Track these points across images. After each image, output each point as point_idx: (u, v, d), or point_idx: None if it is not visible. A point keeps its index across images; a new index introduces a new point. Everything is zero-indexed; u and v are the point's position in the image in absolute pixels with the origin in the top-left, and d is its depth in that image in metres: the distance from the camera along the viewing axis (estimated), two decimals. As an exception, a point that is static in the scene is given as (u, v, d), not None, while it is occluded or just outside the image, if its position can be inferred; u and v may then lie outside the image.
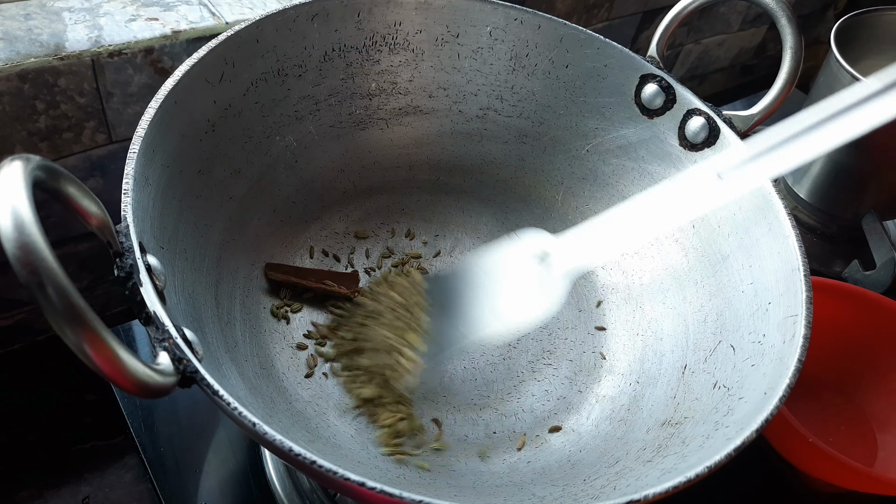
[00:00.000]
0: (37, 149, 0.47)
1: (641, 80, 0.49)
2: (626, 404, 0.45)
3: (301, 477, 0.46)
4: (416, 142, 0.54)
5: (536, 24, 0.49)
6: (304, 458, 0.27)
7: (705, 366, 0.42)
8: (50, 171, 0.25)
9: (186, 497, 0.46)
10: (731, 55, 0.98)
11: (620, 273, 0.52)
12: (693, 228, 0.48)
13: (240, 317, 0.44)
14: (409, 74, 0.51)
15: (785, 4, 0.45)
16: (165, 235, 0.36)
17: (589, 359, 0.49)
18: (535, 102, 0.52)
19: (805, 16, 1.02)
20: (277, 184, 0.48)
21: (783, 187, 0.74)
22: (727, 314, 0.43)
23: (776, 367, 0.36)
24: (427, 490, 0.40)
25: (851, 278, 0.65)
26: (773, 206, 0.42)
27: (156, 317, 0.29)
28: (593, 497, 0.37)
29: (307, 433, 0.40)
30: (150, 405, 0.50)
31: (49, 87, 0.45)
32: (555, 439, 0.45)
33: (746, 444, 0.31)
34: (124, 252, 0.30)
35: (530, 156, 0.54)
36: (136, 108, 0.49)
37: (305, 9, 0.45)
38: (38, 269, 0.21)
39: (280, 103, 0.47)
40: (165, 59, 0.48)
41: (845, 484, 0.49)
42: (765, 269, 0.42)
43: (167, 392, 0.26)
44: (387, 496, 0.27)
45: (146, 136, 0.35)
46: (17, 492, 0.47)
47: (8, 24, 0.45)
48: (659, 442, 0.39)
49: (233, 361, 0.39)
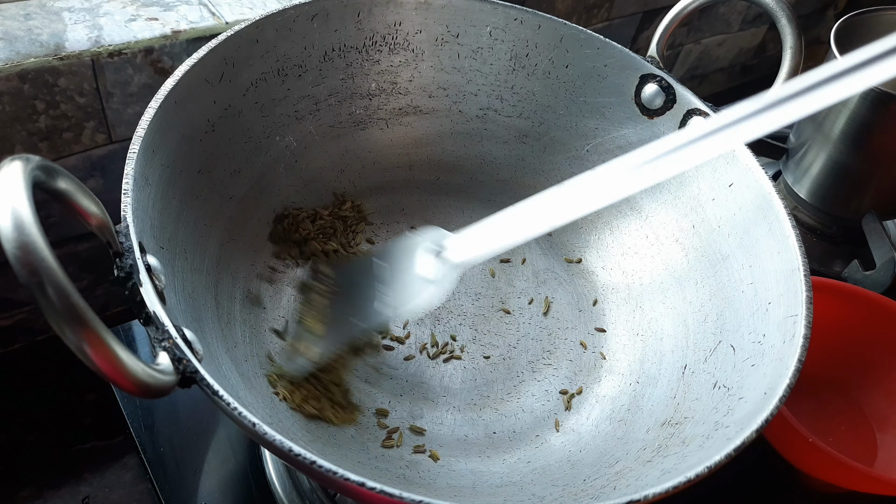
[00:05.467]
0: (37, 149, 0.47)
1: (641, 80, 0.49)
2: (626, 404, 0.45)
3: (301, 477, 0.46)
4: (416, 142, 0.54)
5: (536, 24, 0.49)
6: (304, 458, 0.27)
7: (705, 366, 0.42)
8: (50, 171, 0.25)
9: (186, 497, 0.46)
10: (731, 55, 0.98)
11: (620, 273, 0.52)
12: (693, 228, 0.48)
13: (240, 317, 0.44)
14: (409, 74, 0.51)
15: (785, 4, 0.45)
16: (165, 235, 0.36)
17: (589, 359, 0.49)
18: (535, 102, 0.52)
19: (805, 16, 1.02)
20: (277, 184, 0.48)
21: (783, 187, 0.74)
22: (727, 314, 0.43)
23: (776, 367, 0.36)
24: (427, 490, 0.40)
25: (851, 278, 0.65)
26: (773, 206, 0.42)
27: (156, 317, 0.29)
28: (593, 497, 0.37)
29: (307, 433, 0.40)
30: (150, 405, 0.50)
31: (49, 87, 0.45)
32: (555, 439, 0.45)
33: (746, 444, 0.31)
34: (124, 252, 0.30)
35: (530, 156, 0.54)
36: (136, 108, 0.49)
37: (305, 9, 0.45)
38: (38, 269, 0.21)
39: (280, 103, 0.47)
40: (165, 59, 0.48)
41: (845, 484, 0.49)
42: (765, 269, 0.42)
43: (167, 392, 0.26)
44: (387, 496, 0.27)
45: (146, 136, 0.35)
46: (17, 492, 0.47)
47: (8, 24, 0.45)
48: (659, 442, 0.39)
49: (233, 361, 0.39)
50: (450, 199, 0.55)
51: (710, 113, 0.46)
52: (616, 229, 0.52)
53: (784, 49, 0.46)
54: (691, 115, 0.47)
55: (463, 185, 0.55)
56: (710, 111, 0.46)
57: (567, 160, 0.53)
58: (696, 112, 0.47)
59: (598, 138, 0.52)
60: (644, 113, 0.49)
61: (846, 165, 0.66)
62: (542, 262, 0.54)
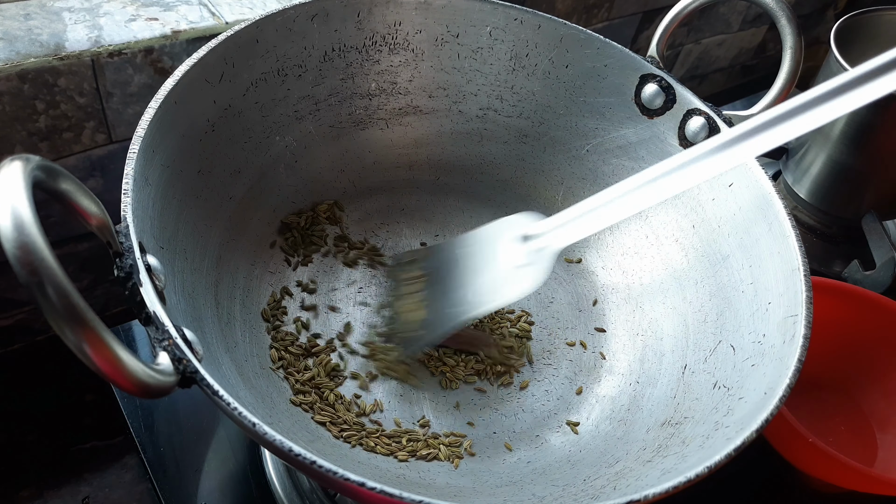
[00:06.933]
0: (37, 149, 0.47)
1: (641, 80, 0.49)
2: (626, 404, 0.45)
3: (301, 477, 0.46)
4: (416, 142, 0.54)
5: (536, 24, 0.49)
6: (304, 458, 0.27)
7: (705, 366, 0.42)
8: (50, 171, 0.25)
9: (186, 497, 0.46)
10: (731, 55, 0.98)
11: (620, 273, 0.52)
12: (693, 228, 0.48)
13: (240, 317, 0.44)
14: (409, 74, 0.51)
15: (785, 4, 0.45)
16: (165, 235, 0.36)
17: (589, 359, 0.49)
18: (535, 102, 0.52)
19: (805, 16, 1.02)
20: (277, 184, 0.48)
21: (783, 187, 0.74)
22: (727, 314, 0.43)
23: (776, 367, 0.36)
24: (427, 490, 0.40)
25: (851, 278, 0.65)
26: (773, 206, 0.42)
27: (156, 317, 0.29)
28: (593, 497, 0.37)
29: (307, 433, 0.40)
30: (150, 405, 0.50)
31: (49, 87, 0.45)
32: (555, 439, 0.45)
33: (746, 444, 0.31)
34: (124, 252, 0.30)
35: (530, 156, 0.54)
36: (136, 108, 0.49)
37: (305, 9, 0.45)
38: (38, 269, 0.21)
39: (280, 103, 0.47)
40: (165, 59, 0.48)
41: (845, 484, 0.49)
42: (765, 269, 0.42)
43: (167, 392, 0.26)
44: (387, 496, 0.27)
45: (146, 136, 0.35)
46: (17, 492, 0.47)
47: (8, 24, 0.45)
48: (659, 442, 0.39)
49: (233, 361, 0.39)
50: (450, 199, 0.55)
51: (710, 113, 0.46)
52: (616, 229, 0.52)
53: (784, 49, 0.46)
54: (691, 115, 0.47)
55: (463, 185, 0.55)
56: (709, 111, 0.46)
57: (567, 160, 0.53)
58: (696, 112, 0.47)
59: (598, 138, 0.52)
60: (644, 113, 0.49)
61: (846, 165, 0.66)
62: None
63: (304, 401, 0.42)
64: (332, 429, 0.42)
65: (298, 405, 0.42)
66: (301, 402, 0.42)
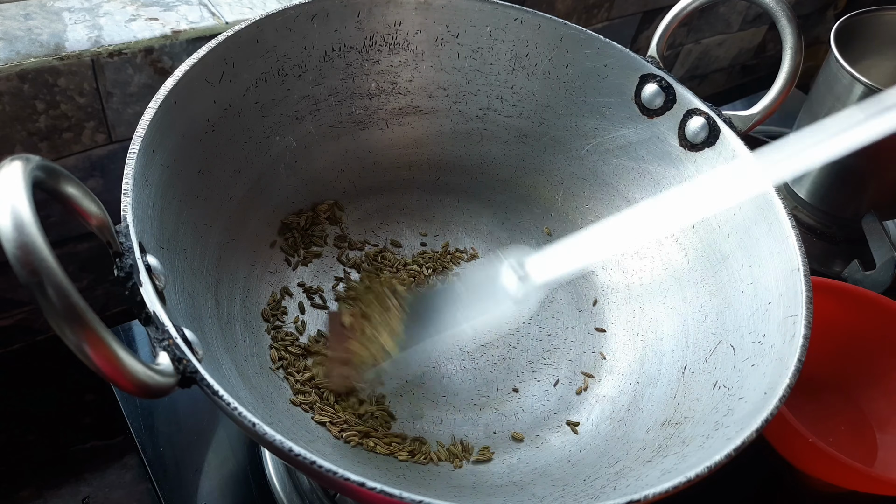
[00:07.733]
0: (37, 149, 0.47)
1: (641, 80, 0.49)
2: (626, 404, 0.45)
3: (301, 477, 0.46)
4: (416, 142, 0.54)
5: (536, 24, 0.49)
6: (304, 458, 0.27)
7: (705, 366, 0.42)
8: (50, 171, 0.25)
9: (186, 497, 0.46)
10: (731, 55, 0.98)
11: (620, 273, 0.52)
12: (693, 228, 0.48)
13: (240, 317, 0.44)
14: (409, 74, 0.51)
15: (785, 4, 0.45)
16: (165, 235, 0.36)
17: (589, 359, 0.49)
18: (535, 102, 0.52)
19: (805, 16, 1.02)
20: (277, 184, 0.48)
21: (783, 187, 0.74)
22: (727, 314, 0.43)
23: (776, 367, 0.36)
24: (427, 490, 0.40)
25: (851, 278, 0.65)
26: (773, 206, 0.42)
27: (156, 317, 0.29)
28: (593, 497, 0.37)
29: (307, 433, 0.40)
30: (150, 405, 0.50)
31: (49, 87, 0.45)
32: (555, 439, 0.45)
33: (746, 444, 0.31)
34: (124, 252, 0.30)
35: (530, 156, 0.54)
36: (135, 108, 0.49)
37: (305, 9, 0.45)
38: (38, 269, 0.21)
39: (280, 103, 0.47)
40: (165, 59, 0.48)
41: (845, 484, 0.49)
42: (765, 269, 0.42)
43: (167, 392, 0.26)
44: (387, 496, 0.27)
45: (146, 136, 0.35)
46: (17, 492, 0.47)
47: (8, 24, 0.45)
48: (659, 442, 0.39)
49: (233, 361, 0.39)
50: (450, 199, 0.55)
51: (711, 113, 0.46)
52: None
53: (784, 49, 0.46)
54: (691, 115, 0.47)
55: (463, 185, 0.55)
56: (710, 111, 0.46)
57: (567, 160, 0.53)
58: (696, 112, 0.47)
59: (598, 138, 0.52)
60: (644, 113, 0.49)
61: (846, 165, 0.66)
62: (542, 262, 0.54)
63: (304, 401, 0.42)
64: (332, 429, 0.42)
65: (298, 405, 0.42)
66: (301, 402, 0.42)
